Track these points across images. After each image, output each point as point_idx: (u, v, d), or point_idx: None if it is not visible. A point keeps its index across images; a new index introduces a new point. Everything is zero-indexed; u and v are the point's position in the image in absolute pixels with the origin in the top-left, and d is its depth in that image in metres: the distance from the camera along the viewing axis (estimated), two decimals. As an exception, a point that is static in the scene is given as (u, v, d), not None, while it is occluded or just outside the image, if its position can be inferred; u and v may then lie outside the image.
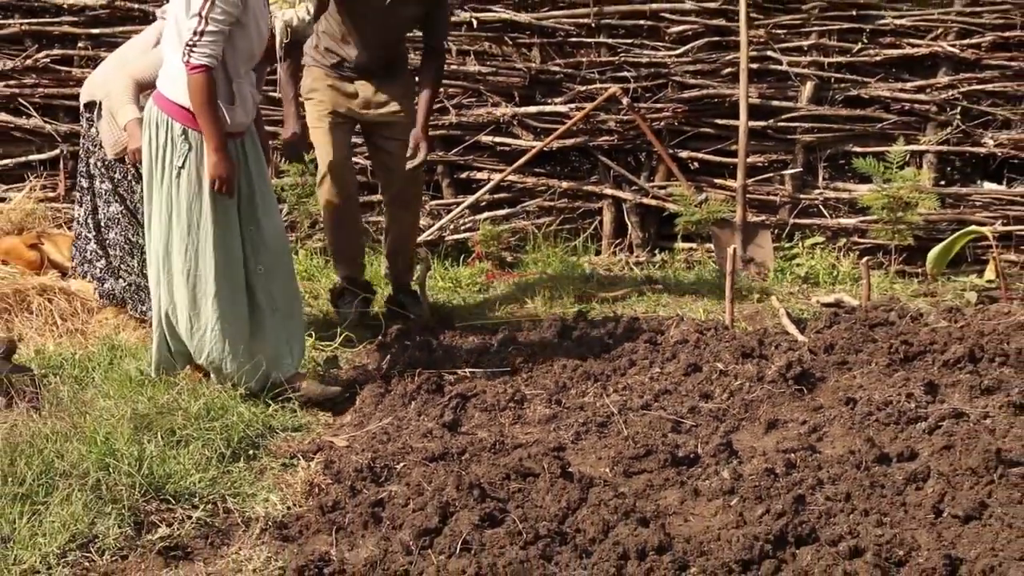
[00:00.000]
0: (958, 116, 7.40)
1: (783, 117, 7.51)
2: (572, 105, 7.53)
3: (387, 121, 5.79)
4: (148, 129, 4.56)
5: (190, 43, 4.31)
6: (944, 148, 7.47)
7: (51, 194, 7.39)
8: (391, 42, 5.77)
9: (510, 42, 7.64)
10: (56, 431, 4.17)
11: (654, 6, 7.52)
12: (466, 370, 5.23)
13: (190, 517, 3.83)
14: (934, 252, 6.79)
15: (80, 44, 7.51)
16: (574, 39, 7.61)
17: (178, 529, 3.77)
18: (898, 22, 7.43)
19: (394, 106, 5.77)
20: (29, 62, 7.46)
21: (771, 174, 7.59)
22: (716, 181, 7.57)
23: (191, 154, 4.50)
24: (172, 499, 3.93)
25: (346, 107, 5.75)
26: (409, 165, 5.72)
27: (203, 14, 4.28)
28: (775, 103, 7.52)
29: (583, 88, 7.54)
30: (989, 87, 7.41)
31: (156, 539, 3.68)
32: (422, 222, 7.42)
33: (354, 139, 6.13)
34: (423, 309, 6.09)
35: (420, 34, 5.95)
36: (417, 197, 6.10)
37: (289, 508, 3.95)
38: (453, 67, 7.48)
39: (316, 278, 6.99)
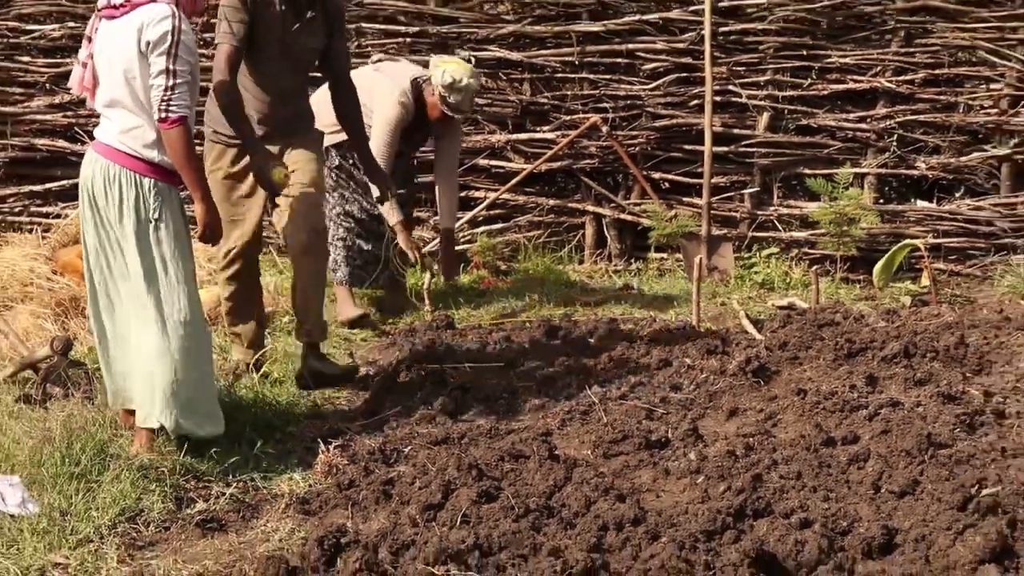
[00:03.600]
0: (895, 143, 7.43)
1: (743, 143, 7.53)
2: (558, 132, 7.54)
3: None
4: (110, 190, 3.91)
5: (164, 99, 3.79)
6: (883, 171, 7.50)
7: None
8: (295, 85, 4.82)
9: (504, 77, 7.66)
10: (107, 418, 4.17)
11: (630, 46, 7.54)
12: (466, 365, 5.23)
13: (224, 493, 3.84)
14: (878, 267, 6.80)
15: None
16: (560, 75, 7.63)
17: (214, 504, 3.78)
18: (843, 61, 7.46)
19: (299, 175, 4.74)
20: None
21: (732, 193, 7.61)
22: (684, 199, 7.58)
23: (164, 205, 3.93)
24: (208, 478, 3.95)
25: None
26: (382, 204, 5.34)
27: (170, 67, 3.78)
28: (735, 131, 7.53)
29: (568, 117, 7.56)
30: (921, 117, 7.43)
31: (195, 513, 3.70)
32: (424, 235, 7.41)
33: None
34: (338, 369, 5.05)
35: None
36: (321, 244, 4.92)
37: (310, 486, 3.96)
38: (454, 99, 7.51)
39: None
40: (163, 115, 3.81)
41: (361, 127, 5.04)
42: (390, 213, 5.88)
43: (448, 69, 5.84)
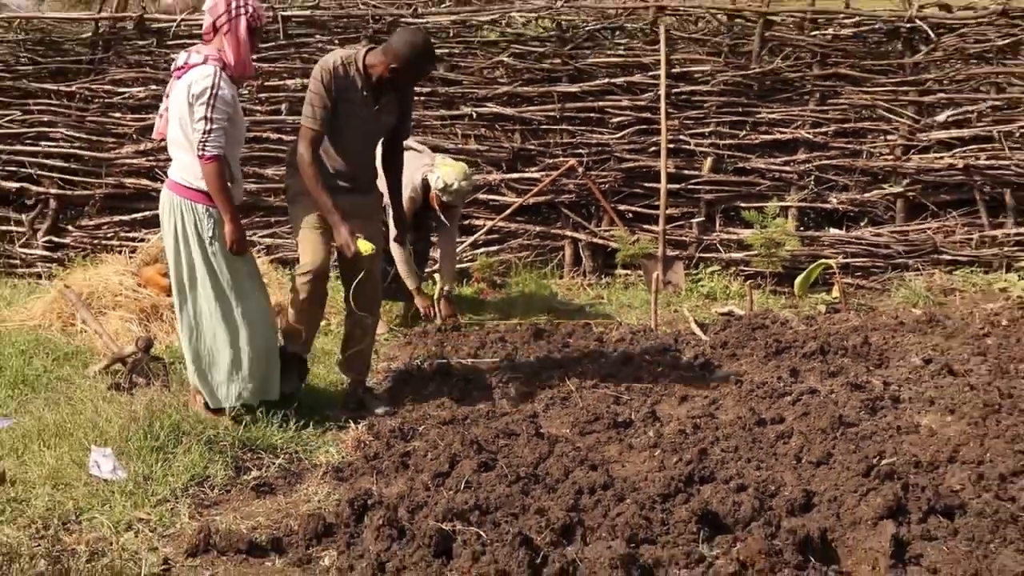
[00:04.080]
0: (812, 182, 7.44)
1: (691, 181, 7.54)
2: (543, 173, 7.54)
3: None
4: (173, 215, 3.98)
5: (202, 140, 3.83)
6: (803, 204, 7.50)
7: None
8: (367, 152, 4.43)
9: (499, 128, 7.65)
10: (181, 403, 4.17)
11: (600, 103, 7.55)
12: (468, 360, 5.23)
13: (274, 463, 3.83)
14: (798, 280, 6.81)
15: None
16: (544, 126, 7.62)
17: (266, 472, 3.77)
18: (771, 116, 7.48)
19: (365, 224, 4.35)
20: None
21: (683, 222, 7.60)
22: (644, 226, 7.57)
23: (217, 225, 3.96)
24: (262, 451, 3.93)
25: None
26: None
27: (208, 115, 3.82)
28: (685, 172, 7.53)
29: (551, 160, 7.56)
30: (833, 162, 7.44)
31: (250, 479, 3.69)
32: (433, 255, 7.41)
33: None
34: (381, 408, 4.51)
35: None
36: (379, 296, 4.64)
37: (343, 457, 3.95)
38: (459, 145, 7.50)
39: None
40: (201, 152, 3.86)
41: (400, 180, 4.70)
42: (408, 279, 5.90)
43: (443, 174, 5.76)
